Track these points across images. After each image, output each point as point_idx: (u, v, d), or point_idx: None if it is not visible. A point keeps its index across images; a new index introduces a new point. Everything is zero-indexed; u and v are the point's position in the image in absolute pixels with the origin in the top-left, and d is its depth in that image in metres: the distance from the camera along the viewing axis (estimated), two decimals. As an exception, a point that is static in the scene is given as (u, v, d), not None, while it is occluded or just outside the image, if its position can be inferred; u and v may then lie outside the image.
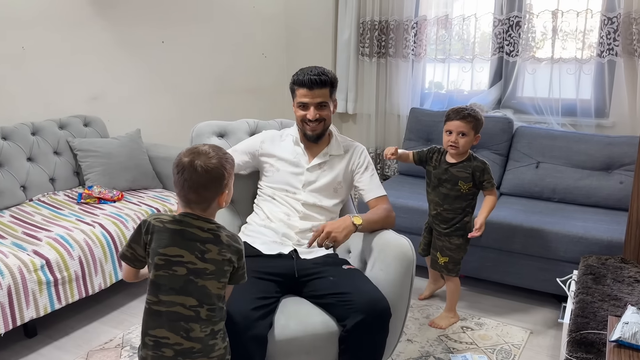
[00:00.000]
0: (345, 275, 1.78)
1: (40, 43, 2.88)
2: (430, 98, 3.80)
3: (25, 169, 2.73)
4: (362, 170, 2.07)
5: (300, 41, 4.19)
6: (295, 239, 1.96)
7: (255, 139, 2.14)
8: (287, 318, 1.68)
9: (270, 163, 2.07)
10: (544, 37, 3.36)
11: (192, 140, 2.24)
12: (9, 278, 2.03)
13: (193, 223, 1.37)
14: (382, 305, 1.66)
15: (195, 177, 1.35)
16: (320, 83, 1.90)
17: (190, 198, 1.38)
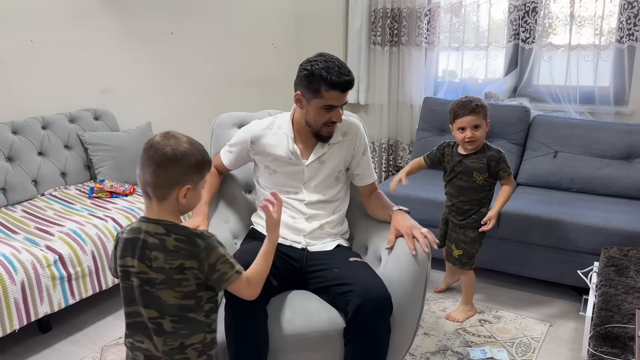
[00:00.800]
0: (349, 267, 1.71)
1: (49, 36, 2.85)
2: (444, 87, 3.73)
3: (36, 163, 2.71)
4: (360, 154, 1.93)
5: (310, 31, 4.12)
6: (304, 241, 1.86)
7: (243, 139, 1.92)
8: (293, 312, 1.64)
9: (266, 164, 1.90)
10: (561, 23, 3.28)
11: (212, 132, 2.20)
12: (22, 274, 2.02)
13: (144, 228, 1.26)
14: (379, 292, 1.58)
15: (158, 155, 1.22)
16: (350, 84, 1.72)
17: (147, 181, 1.24)
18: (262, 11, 3.98)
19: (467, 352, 2.20)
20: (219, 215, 2.01)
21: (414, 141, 3.83)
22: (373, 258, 1.89)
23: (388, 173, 4.00)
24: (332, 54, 1.77)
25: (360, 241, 2.02)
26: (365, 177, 1.98)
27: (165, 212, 1.27)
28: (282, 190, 1.87)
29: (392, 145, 3.95)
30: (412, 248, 1.70)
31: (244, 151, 1.94)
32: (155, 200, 1.27)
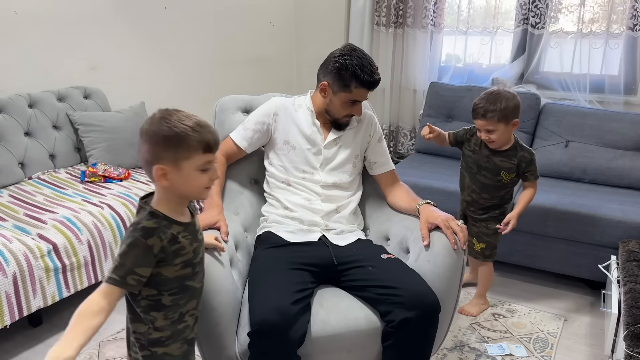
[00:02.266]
0: (386, 266, 1.62)
1: (34, 7, 2.63)
2: (449, 72, 3.62)
3: (23, 144, 2.52)
4: (376, 142, 1.93)
5: (310, 9, 3.95)
6: (322, 224, 1.79)
7: (267, 110, 1.88)
8: (327, 312, 1.53)
9: (286, 139, 1.85)
10: (573, 9, 3.19)
11: (215, 115, 2.04)
12: (14, 265, 1.86)
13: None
14: (430, 299, 1.51)
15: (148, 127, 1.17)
16: (379, 83, 1.79)
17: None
18: (260, -13, 3.80)
19: (484, 349, 2.12)
20: (228, 207, 1.87)
21: (416, 127, 3.73)
22: (399, 250, 1.80)
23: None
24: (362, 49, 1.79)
25: (379, 232, 1.92)
26: (383, 165, 1.95)
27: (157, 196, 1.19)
28: (299, 169, 1.84)
29: (393, 131, 3.84)
30: (453, 242, 1.62)
31: (264, 126, 1.86)
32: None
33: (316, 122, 1.85)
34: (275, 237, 1.75)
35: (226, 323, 1.48)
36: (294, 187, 1.85)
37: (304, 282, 1.55)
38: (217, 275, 1.47)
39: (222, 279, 1.48)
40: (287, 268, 1.58)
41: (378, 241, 1.88)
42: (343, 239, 1.77)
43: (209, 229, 1.60)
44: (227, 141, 1.90)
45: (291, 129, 1.85)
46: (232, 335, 1.51)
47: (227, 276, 1.52)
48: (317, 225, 1.79)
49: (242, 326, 1.50)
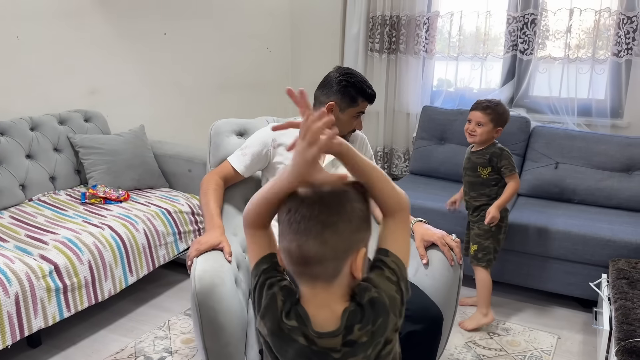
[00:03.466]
0: None
1: (36, 33, 2.70)
2: (440, 96, 3.72)
3: (24, 166, 2.55)
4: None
5: (306, 35, 4.06)
6: None
7: (265, 136, 1.93)
8: None
9: (285, 164, 1.90)
10: (560, 36, 3.31)
11: (210, 138, 2.09)
12: (16, 285, 1.88)
13: (322, 345, 0.92)
14: (434, 312, 1.57)
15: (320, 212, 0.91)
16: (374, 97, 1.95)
17: (308, 256, 0.91)
18: (257, 14, 3.90)
19: (480, 367, 2.16)
20: (227, 228, 1.88)
21: (409, 150, 3.81)
22: None
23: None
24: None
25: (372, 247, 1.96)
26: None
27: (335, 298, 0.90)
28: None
29: (388, 153, 3.91)
30: (450, 259, 1.69)
31: (262, 152, 1.91)
32: (320, 284, 0.90)
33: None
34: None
35: (235, 342, 1.50)
36: None
37: None
38: (226, 295, 1.49)
39: (230, 299, 1.50)
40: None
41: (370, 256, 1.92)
42: None
43: (212, 250, 1.63)
44: (225, 165, 1.95)
45: (290, 153, 1.90)
46: (241, 355, 1.53)
47: (235, 296, 1.55)
48: None
49: (250, 345, 1.53)
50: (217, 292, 1.45)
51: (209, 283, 1.46)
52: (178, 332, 2.34)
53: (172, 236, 2.55)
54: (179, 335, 2.32)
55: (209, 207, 1.79)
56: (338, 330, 0.89)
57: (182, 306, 2.57)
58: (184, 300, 2.63)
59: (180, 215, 2.62)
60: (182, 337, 2.31)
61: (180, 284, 2.81)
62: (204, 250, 1.59)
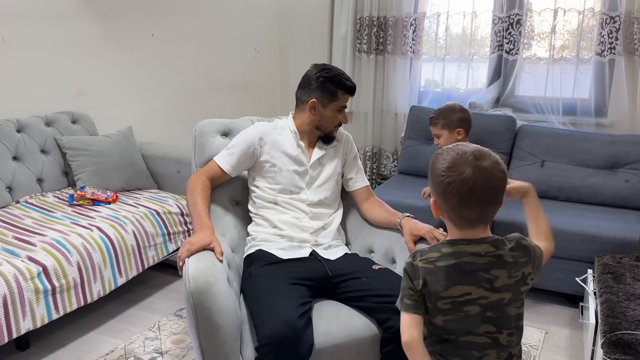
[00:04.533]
0: (379, 276, 1.70)
1: (22, 34, 2.68)
2: (428, 96, 3.75)
3: (11, 168, 2.54)
4: (352, 159, 2.07)
5: (294, 36, 4.07)
6: (311, 240, 1.87)
7: (252, 134, 1.95)
8: (328, 324, 1.58)
9: (272, 162, 1.93)
10: (545, 36, 3.35)
11: (195, 139, 2.09)
12: (4, 287, 1.86)
13: (467, 250, 1.15)
14: None
15: (492, 184, 1.11)
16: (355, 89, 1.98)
17: (472, 216, 1.14)
18: (245, 15, 3.91)
19: (469, 362, 2.17)
20: (215, 229, 1.89)
21: (398, 150, 3.83)
22: (385, 260, 1.89)
23: (372, 182, 3.97)
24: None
25: (363, 245, 2.00)
26: (359, 181, 2.07)
27: (483, 231, 1.18)
28: (286, 190, 1.92)
29: (376, 153, 3.93)
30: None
31: (249, 150, 1.93)
32: (482, 226, 1.17)
33: (300, 144, 1.94)
34: (267, 254, 1.80)
35: (231, 342, 1.50)
36: (281, 206, 1.91)
37: (304, 296, 1.60)
38: (221, 294, 1.49)
39: (225, 298, 1.50)
40: (287, 283, 1.63)
41: (362, 254, 1.95)
42: (332, 254, 1.84)
43: (203, 250, 1.63)
44: (211, 165, 1.95)
45: (277, 152, 1.93)
46: (237, 354, 1.53)
47: (229, 295, 1.55)
48: (307, 241, 1.85)
49: (246, 344, 1.54)
50: (212, 291, 1.45)
51: (204, 282, 1.46)
52: (168, 333, 2.34)
53: (162, 237, 2.55)
54: (169, 335, 2.32)
55: (197, 207, 1.79)
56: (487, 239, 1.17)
57: (172, 307, 2.57)
58: (174, 301, 2.62)
59: (170, 216, 2.61)
60: (172, 337, 2.30)
61: (170, 285, 2.80)
62: (195, 250, 1.60)
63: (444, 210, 1.17)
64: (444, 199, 1.15)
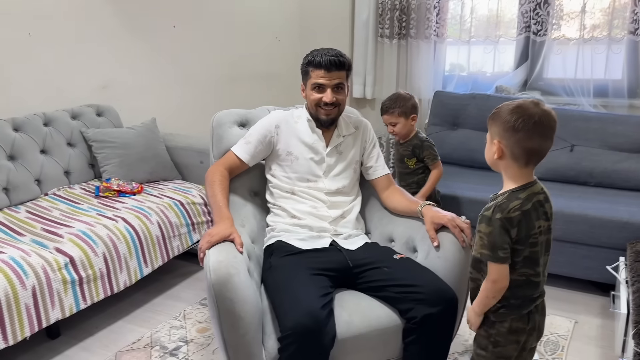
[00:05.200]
0: (401, 266, 1.68)
1: (47, 29, 2.72)
2: (452, 81, 3.67)
3: (39, 161, 2.59)
4: (372, 147, 2.03)
5: (315, 23, 4.03)
6: (331, 229, 1.86)
7: (268, 123, 1.95)
8: (349, 314, 1.57)
9: (288, 150, 1.92)
10: (574, 15, 3.23)
11: (213, 130, 2.10)
12: (33, 278, 1.91)
13: (534, 191, 1.36)
14: (450, 294, 1.57)
15: (553, 124, 1.31)
16: (339, 64, 1.81)
17: (543, 149, 1.33)
18: (265, 4, 3.88)
19: (495, 352, 2.14)
20: (235, 220, 1.90)
21: (422, 136, 3.77)
22: (406, 249, 1.86)
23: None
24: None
25: (383, 234, 1.97)
26: (378, 169, 2.02)
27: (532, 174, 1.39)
28: (303, 179, 1.91)
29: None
30: (461, 240, 1.69)
31: (266, 139, 1.93)
32: (533, 166, 1.36)
33: (317, 131, 1.92)
34: (287, 245, 1.80)
35: (253, 332, 1.51)
36: (298, 196, 1.90)
37: (325, 286, 1.59)
38: (242, 285, 1.50)
39: (246, 289, 1.51)
40: (309, 274, 1.62)
41: (382, 243, 1.93)
42: (352, 243, 1.83)
43: (223, 242, 1.63)
44: (229, 155, 1.96)
45: (293, 140, 1.92)
46: (259, 344, 1.54)
47: (250, 286, 1.55)
48: (326, 230, 1.84)
49: (268, 334, 1.54)
50: (233, 282, 1.46)
51: (225, 273, 1.47)
52: (193, 322, 2.37)
53: (186, 227, 2.58)
54: (194, 324, 2.35)
55: (217, 198, 1.79)
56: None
57: (198, 296, 2.60)
58: (199, 290, 2.65)
59: (193, 206, 2.63)
60: (197, 326, 2.33)
61: (196, 274, 2.83)
62: (215, 242, 1.60)
63: (509, 146, 1.32)
64: (511, 133, 1.30)
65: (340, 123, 1.98)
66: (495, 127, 1.35)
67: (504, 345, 1.40)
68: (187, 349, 2.17)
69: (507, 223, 1.30)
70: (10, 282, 1.84)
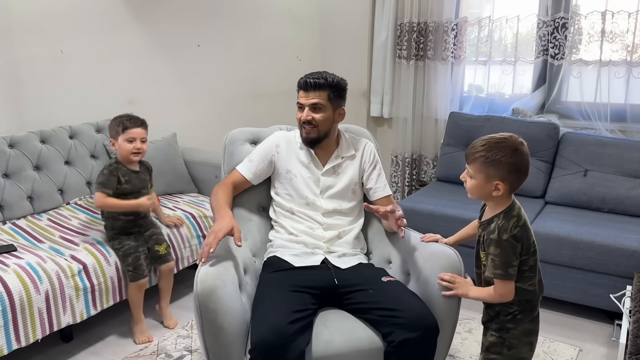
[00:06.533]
0: (387, 289, 1.70)
1: (78, 47, 2.89)
2: (470, 102, 3.68)
3: (63, 172, 2.73)
4: (371, 169, 2.03)
5: (335, 43, 4.12)
6: (324, 247, 1.91)
7: (270, 143, 2.06)
8: (331, 332, 1.61)
9: (287, 169, 2.00)
10: (592, 39, 3.21)
11: (225, 147, 2.19)
12: (47, 283, 2.03)
13: (517, 205, 1.52)
14: (429, 321, 1.58)
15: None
16: (315, 86, 1.88)
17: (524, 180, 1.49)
18: (287, 24, 4.00)
19: (493, 376, 2.13)
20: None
21: (438, 156, 3.79)
22: (400, 272, 1.89)
23: (411, 187, 3.95)
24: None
25: (382, 255, 2.01)
26: (378, 191, 2.03)
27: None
28: (302, 196, 1.97)
29: (416, 159, 3.91)
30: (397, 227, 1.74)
31: (267, 157, 2.02)
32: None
33: (311, 152, 1.99)
34: (280, 261, 1.86)
35: (235, 343, 1.57)
36: (297, 216, 1.97)
37: (304, 303, 1.64)
38: (227, 297, 1.57)
39: (231, 301, 1.58)
40: (288, 290, 1.67)
41: (380, 264, 1.96)
42: (344, 262, 1.86)
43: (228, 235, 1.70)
44: (234, 173, 2.05)
45: (292, 158, 2.00)
46: (241, 356, 1.60)
47: (236, 298, 1.62)
48: (320, 248, 1.89)
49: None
50: (217, 294, 1.53)
51: (211, 285, 1.54)
52: (199, 332, 2.44)
53: (197, 239, 2.67)
54: (200, 334, 2.42)
55: (218, 202, 1.88)
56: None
57: (206, 307, 2.67)
58: (208, 302, 2.72)
59: (205, 219, 2.73)
60: (202, 336, 2.40)
61: (206, 285, 2.91)
62: (221, 237, 1.67)
63: (511, 184, 1.46)
64: (516, 174, 1.45)
65: (341, 144, 2.04)
66: (493, 170, 1.45)
67: (518, 347, 1.54)
68: (191, 358, 2.24)
69: (514, 240, 1.45)
70: (25, 287, 1.96)
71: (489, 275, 1.48)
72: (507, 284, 1.47)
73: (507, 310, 1.54)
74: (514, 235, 1.45)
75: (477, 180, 1.50)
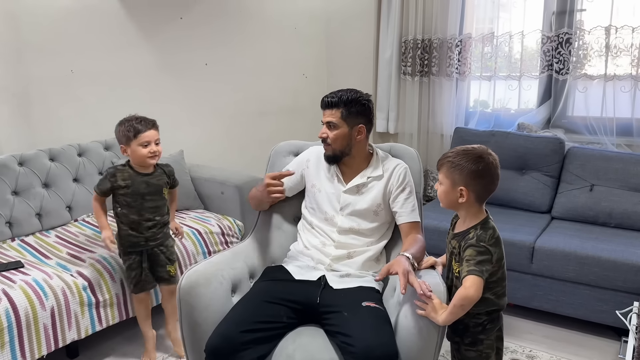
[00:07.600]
0: (359, 315, 1.63)
1: (88, 66, 2.95)
2: (475, 117, 3.69)
3: (71, 189, 2.78)
4: (398, 192, 1.94)
5: (341, 60, 4.16)
6: (327, 263, 1.89)
7: (302, 157, 2.12)
8: (294, 349, 1.61)
9: (313, 183, 2.04)
10: (596, 54, 3.21)
11: (269, 158, 2.25)
12: (52, 299, 2.05)
13: (491, 219, 1.59)
14: (378, 353, 1.49)
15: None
16: (328, 104, 1.92)
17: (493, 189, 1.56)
18: (293, 42, 4.05)
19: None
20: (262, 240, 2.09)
21: (444, 171, 3.79)
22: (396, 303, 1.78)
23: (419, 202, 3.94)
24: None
25: (392, 280, 1.95)
26: (403, 215, 1.94)
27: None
28: (322, 210, 1.99)
29: (423, 174, 3.90)
30: (402, 287, 1.56)
31: (299, 171, 2.08)
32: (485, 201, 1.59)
33: (335, 168, 1.99)
34: (280, 271, 1.89)
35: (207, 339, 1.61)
36: (315, 230, 1.99)
37: (275, 315, 1.66)
38: (208, 296, 1.68)
39: (212, 299, 1.69)
40: (263, 300, 1.70)
41: (390, 290, 1.87)
42: (342, 283, 1.82)
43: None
44: None
45: (319, 173, 2.04)
46: None
47: (218, 297, 1.71)
48: (323, 264, 1.89)
49: None
50: (197, 291, 1.67)
51: (193, 282, 1.69)
52: (203, 348, 2.44)
53: (202, 255, 2.69)
54: (204, 351, 2.42)
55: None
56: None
57: (211, 323, 2.68)
58: (213, 318, 2.73)
59: (211, 235, 2.75)
60: (206, 353, 2.41)
61: (212, 301, 2.92)
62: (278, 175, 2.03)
63: (476, 191, 1.53)
64: (478, 180, 1.52)
65: (372, 163, 1.99)
66: (457, 175, 1.53)
67: (490, 355, 1.62)
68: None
69: (491, 247, 1.52)
70: (31, 303, 1.99)
71: (464, 274, 1.51)
72: (479, 281, 1.49)
73: (476, 322, 1.58)
74: (491, 244, 1.53)
75: (444, 186, 1.58)
